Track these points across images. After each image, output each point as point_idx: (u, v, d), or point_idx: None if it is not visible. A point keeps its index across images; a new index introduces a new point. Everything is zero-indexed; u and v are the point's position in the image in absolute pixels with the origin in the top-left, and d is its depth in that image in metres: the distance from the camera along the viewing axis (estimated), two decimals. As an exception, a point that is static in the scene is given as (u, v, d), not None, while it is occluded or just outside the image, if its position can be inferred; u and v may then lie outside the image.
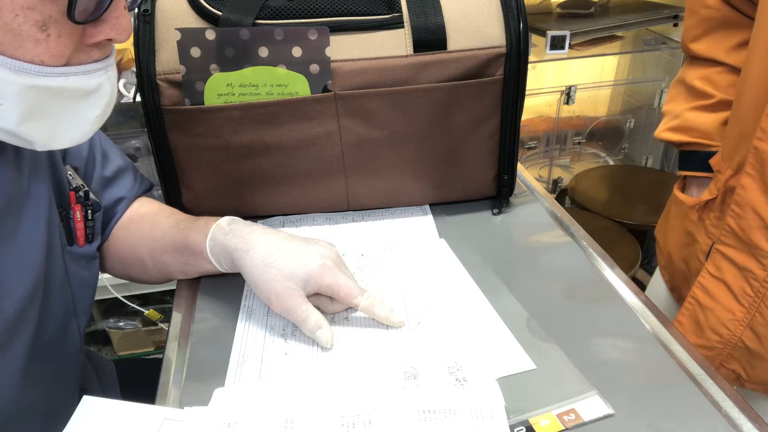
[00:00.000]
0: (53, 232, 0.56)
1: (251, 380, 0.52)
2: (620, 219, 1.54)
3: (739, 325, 0.69)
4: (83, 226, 0.60)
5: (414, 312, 0.59)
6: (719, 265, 0.70)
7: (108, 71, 0.48)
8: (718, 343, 0.71)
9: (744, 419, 0.47)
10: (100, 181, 0.65)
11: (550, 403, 0.49)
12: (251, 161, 0.69)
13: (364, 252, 0.69)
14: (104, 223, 0.65)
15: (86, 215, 0.61)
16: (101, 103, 0.48)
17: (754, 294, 0.67)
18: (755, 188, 0.64)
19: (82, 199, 0.60)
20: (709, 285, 0.71)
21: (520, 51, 0.66)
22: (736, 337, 0.69)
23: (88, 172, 0.64)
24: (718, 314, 0.70)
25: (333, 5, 0.64)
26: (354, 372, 0.53)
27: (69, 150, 0.62)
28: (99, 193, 0.65)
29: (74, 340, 0.61)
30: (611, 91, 1.90)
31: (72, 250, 0.60)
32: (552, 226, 0.73)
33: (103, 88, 0.47)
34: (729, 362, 0.73)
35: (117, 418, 0.47)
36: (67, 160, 0.62)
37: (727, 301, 0.69)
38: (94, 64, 0.46)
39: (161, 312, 1.53)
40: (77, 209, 0.60)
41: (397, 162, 0.71)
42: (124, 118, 1.45)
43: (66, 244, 0.59)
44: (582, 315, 0.59)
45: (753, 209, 0.65)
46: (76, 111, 0.47)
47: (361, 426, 0.47)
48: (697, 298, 0.72)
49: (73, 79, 0.44)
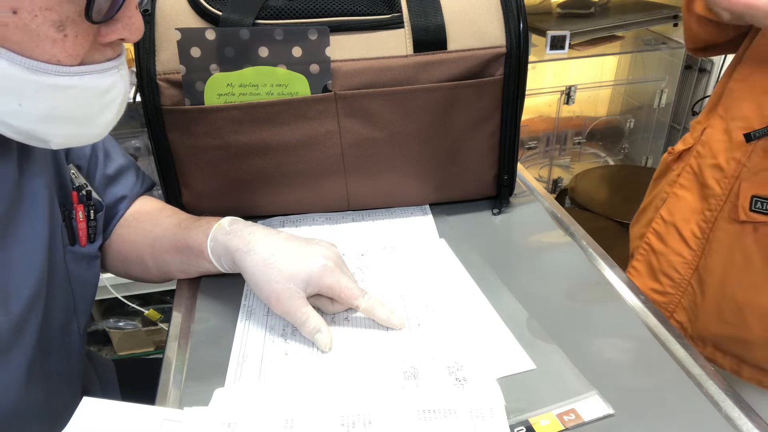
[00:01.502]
0: (55, 232, 0.56)
1: (251, 380, 0.52)
2: (620, 219, 1.54)
3: (688, 268, 0.72)
4: (85, 226, 0.60)
5: (414, 312, 0.59)
6: (672, 209, 0.72)
7: (120, 70, 0.49)
8: (671, 288, 0.74)
9: (744, 419, 0.47)
10: (102, 179, 0.65)
11: (550, 403, 0.49)
12: (251, 161, 0.69)
13: (364, 252, 0.69)
14: (106, 221, 0.66)
15: (88, 215, 0.61)
16: (117, 102, 0.49)
17: (701, 236, 0.69)
18: (719, 128, 0.67)
19: (84, 198, 0.60)
20: (662, 229, 0.74)
21: (520, 51, 0.66)
22: (685, 281, 0.72)
23: (90, 170, 0.64)
24: (669, 258, 0.73)
25: (333, 5, 0.64)
26: (354, 372, 0.53)
27: (72, 149, 0.62)
28: (101, 191, 0.65)
29: (75, 339, 0.61)
30: (611, 91, 1.90)
31: (74, 250, 0.60)
32: (552, 226, 0.73)
33: (117, 86, 0.48)
34: (678, 312, 0.75)
35: (116, 419, 0.47)
36: (70, 158, 0.62)
37: (677, 245, 0.72)
38: (107, 63, 0.47)
39: (161, 312, 1.53)
40: (80, 209, 0.60)
41: (397, 162, 0.71)
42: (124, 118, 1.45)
43: (68, 243, 0.59)
44: (582, 315, 0.59)
45: (710, 147, 0.68)
46: (92, 110, 0.48)
47: (361, 426, 0.47)
48: (650, 244, 0.76)
49: (88, 78, 0.45)
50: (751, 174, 0.65)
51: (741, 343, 0.71)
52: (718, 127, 0.68)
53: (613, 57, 1.77)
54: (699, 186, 0.69)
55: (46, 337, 0.55)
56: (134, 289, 1.47)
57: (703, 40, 0.74)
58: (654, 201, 0.80)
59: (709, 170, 0.68)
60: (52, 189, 0.57)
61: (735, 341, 0.71)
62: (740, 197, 0.65)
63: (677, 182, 0.73)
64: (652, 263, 0.76)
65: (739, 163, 0.66)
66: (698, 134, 0.72)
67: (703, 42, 0.75)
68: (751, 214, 0.65)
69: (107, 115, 0.49)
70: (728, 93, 0.68)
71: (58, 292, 0.57)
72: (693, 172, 0.71)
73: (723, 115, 0.68)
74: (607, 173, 1.78)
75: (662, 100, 1.74)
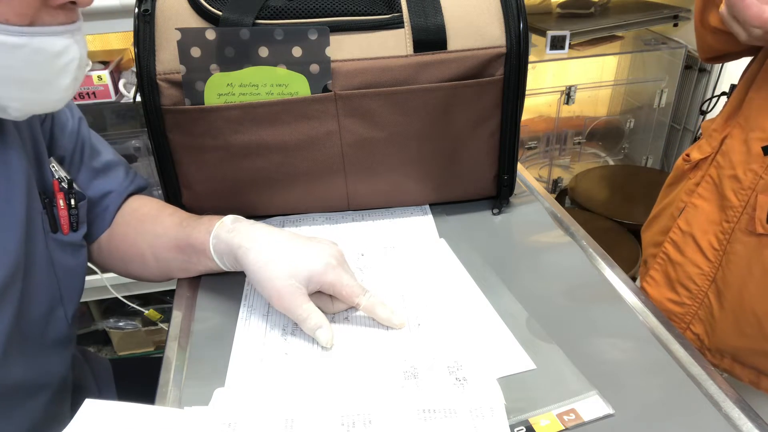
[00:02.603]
0: (34, 217, 0.57)
1: (251, 380, 0.52)
2: (620, 219, 1.53)
3: (705, 280, 0.71)
4: (67, 214, 0.61)
5: (414, 312, 0.59)
6: (690, 219, 0.72)
7: (75, 35, 0.49)
8: (688, 299, 0.73)
9: (744, 419, 0.47)
10: (88, 172, 0.66)
11: (550, 403, 0.49)
12: (251, 161, 0.69)
13: (364, 252, 0.69)
14: (95, 214, 0.66)
15: (69, 203, 0.61)
16: (71, 67, 0.50)
17: (719, 247, 0.68)
18: (739, 138, 0.66)
19: (65, 188, 0.61)
20: (679, 240, 0.73)
21: (520, 51, 0.66)
22: (702, 292, 0.71)
23: (74, 162, 0.65)
24: (687, 269, 0.72)
25: (333, 5, 0.64)
26: (354, 371, 0.53)
27: (55, 141, 0.63)
28: (87, 184, 0.66)
29: (62, 327, 0.61)
30: (611, 91, 1.90)
31: (57, 238, 0.60)
32: (552, 226, 0.73)
33: (70, 51, 0.49)
34: (695, 324, 0.74)
35: (117, 419, 0.47)
36: (52, 151, 0.63)
37: (695, 256, 0.71)
38: (59, 26, 0.47)
39: (161, 312, 1.53)
40: (60, 197, 0.60)
41: (397, 162, 0.71)
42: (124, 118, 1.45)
43: (49, 230, 0.59)
44: (582, 315, 0.59)
45: (730, 158, 0.67)
46: (47, 74, 0.48)
47: (361, 425, 0.47)
48: (668, 254, 0.75)
49: (38, 40, 0.46)
50: None
51: (760, 355, 0.70)
52: (738, 137, 0.67)
53: (613, 57, 1.77)
54: (718, 197, 0.68)
55: (25, 320, 0.55)
56: (134, 289, 1.47)
57: (717, 50, 0.73)
58: (668, 208, 0.79)
59: (727, 181, 0.67)
60: (31, 176, 0.57)
61: (754, 353, 0.70)
62: (757, 209, 0.64)
63: (696, 192, 0.72)
64: (670, 273, 0.75)
65: (756, 175, 0.65)
66: (717, 143, 0.71)
67: (717, 52, 0.74)
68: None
69: (64, 80, 0.50)
70: (748, 102, 0.66)
71: (40, 278, 0.57)
72: (713, 182, 0.70)
73: (743, 125, 0.67)
74: (607, 173, 1.78)
75: (662, 100, 1.74)
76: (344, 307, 0.59)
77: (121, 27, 1.14)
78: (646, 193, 1.68)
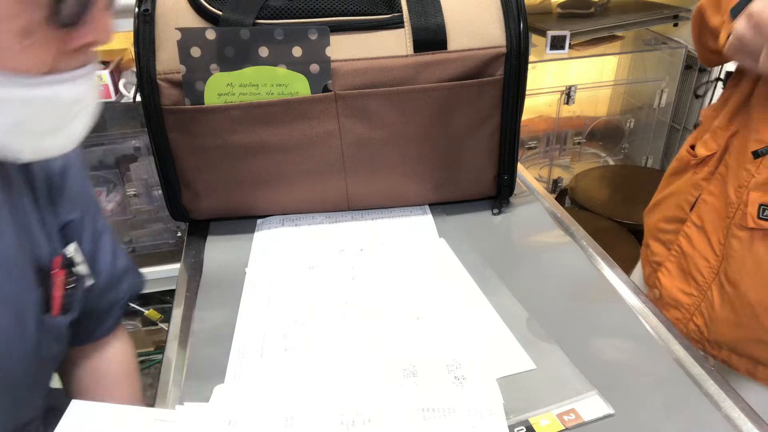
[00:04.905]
0: (20, 291, 0.50)
1: (251, 378, 0.52)
2: (620, 219, 1.53)
3: (711, 272, 0.74)
4: (61, 295, 0.54)
5: (413, 310, 0.59)
6: (702, 214, 0.75)
7: (90, 79, 0.46)
8: (695, 290, 0.76)
9: (744, 419, 0.47)
10: (108, 277, 0.63)
11: (550, 403, 0.49)
12: (251, 161, 0.69)
13: (363, 247, 0.69)
14: (97, 323, 0.65)
15: (68, 284, 0.55)
16: (87, 112, 0.48)
17: (724, 241, 0.71)
18: (742, 137, 0.69)
19: (67, 266, 0.55)
20: (692, 233, 0.76)
21: (520, 51, 0.66)
22: (707, 284, 0.75)
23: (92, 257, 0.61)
24: (696, 261, 0.76)
25: (333, 5, 0.64)
26: (353, 369, 0.53)
27: (69, 229, 0.58)
28: (103, 293, 0.63)
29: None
30: (611, 91, 1.90)
31: (44, 319, 0.53)
32: (552, 226, 0.73)
33: (85, 97, 0.46)
34: (697, 316, 0.77)
35: (106, 420, 0.47)
36: (68, 237, 0.57)
37: (704, 249, 0.75)
38: (77, 71, 0.45)
39: (161, 312, 1.53)
40: (60, 275, 0.54)
41: (397, 162, 0.71)
42: (124, 118, 1.45)
43: (41, 311, 0.52)
44: (582, 315, 0.59)
45: (735, 157, 0.70)
46: (62, 120, 0.46)
47: (361, 424, 0.47)
48: (681, 246, 0.78)
49: (57, 88, 0.43)
50: (760, 184, 0.67)
51: (757, 344, 0.72)
52: (741, 136, 0.70)
53: (613, 57, 1.77)
54: (725, 194, 0.72)
55: None
56: (134, 289, 1.47)
57: (718, 62, 0.76)
58: (673, 198, 0.82)
59: (731, 179, 0.70)
60: (27, 249, 0.51)
61: (750, 343, 0.73)
62: (749, 205, 0.68)
63: (707, 189, 0.75)
64: (683, 265, 0.79)
65: (749, 173, 0.68)
66: (723, 141, 0.73)
67: (718, 62, 0.77)
68: (759, 222, 0.67)
69: (77, 125, 0.47)
70: (750, 104, 0.69)
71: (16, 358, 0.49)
72: (722, 180, 0.72)
73: (745, 125, 0.70)
74: (607, 173, 1.78)
75: (662, 100, 1.74)
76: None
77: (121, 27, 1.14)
78: (646, 193, 1.67)
